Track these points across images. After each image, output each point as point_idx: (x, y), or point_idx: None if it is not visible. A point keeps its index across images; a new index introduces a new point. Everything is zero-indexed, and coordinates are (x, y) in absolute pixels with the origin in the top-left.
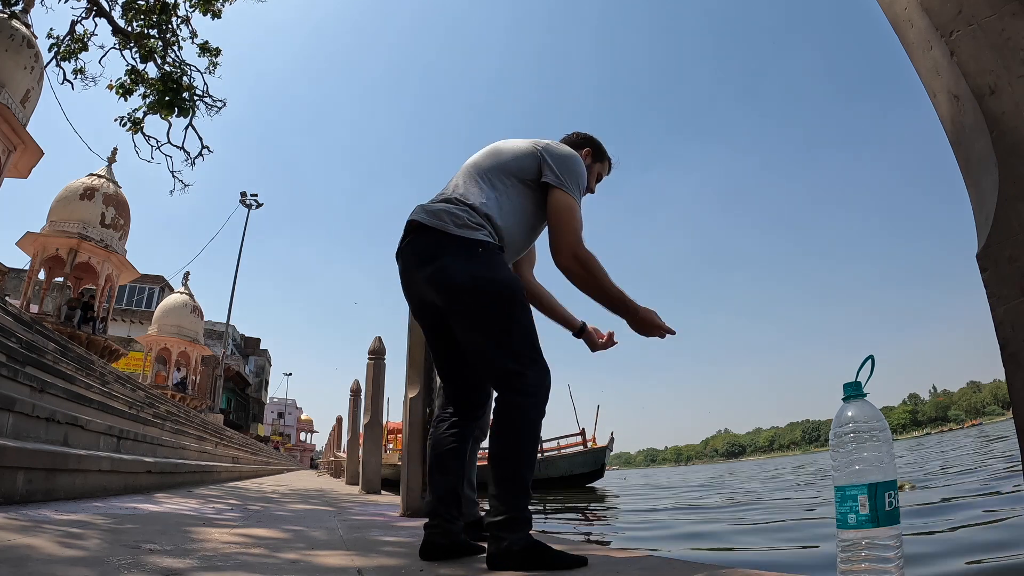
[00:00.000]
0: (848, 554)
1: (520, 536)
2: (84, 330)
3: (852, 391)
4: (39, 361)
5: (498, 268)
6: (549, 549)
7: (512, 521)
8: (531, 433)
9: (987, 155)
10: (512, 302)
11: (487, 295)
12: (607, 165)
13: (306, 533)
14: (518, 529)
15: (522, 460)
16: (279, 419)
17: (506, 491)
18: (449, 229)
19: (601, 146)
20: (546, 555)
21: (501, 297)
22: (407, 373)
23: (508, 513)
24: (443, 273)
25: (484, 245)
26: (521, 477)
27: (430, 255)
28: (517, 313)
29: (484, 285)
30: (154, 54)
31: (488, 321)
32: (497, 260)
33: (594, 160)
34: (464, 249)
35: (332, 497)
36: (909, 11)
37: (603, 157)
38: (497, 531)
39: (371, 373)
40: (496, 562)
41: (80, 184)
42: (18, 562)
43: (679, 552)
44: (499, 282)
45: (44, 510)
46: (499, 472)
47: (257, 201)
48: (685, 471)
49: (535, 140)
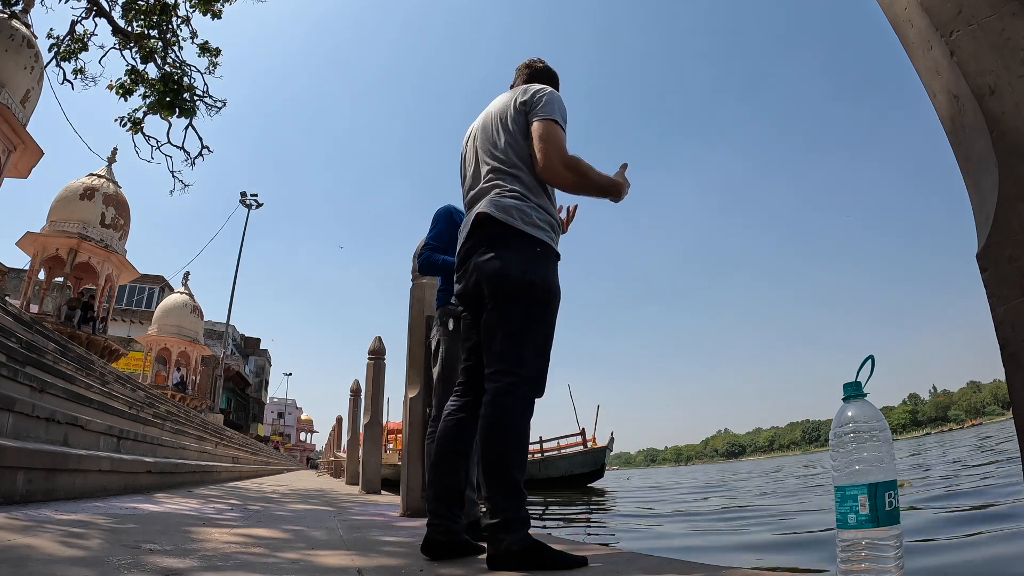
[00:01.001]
0: (848, 554)
1: (519, 536)
2: (84, 330)
3: (852, 391)
4: (39, 361)
5: (549, 272)
6: (549, 549)
7: (509, 522)
8: (521, 434)
9: (987, 155)
10: (548, 310)
11: (530, 295)
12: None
13: (306, 533)
14: (516, 529)
15: (512, 461)
16: (279, 419)
17: (500, 493)
18: (516, 224)
19: (555, 74)
20: (546, 555)
21: (541, 301)
22: (407, 373)
23: (504, 514)
24: (498, 264)
25: (543, 246)
26: (513, 478)
27: (492, 245)
28: (549, 322)
29: (531, 284)
30: (154, 54)
31: (515, 319)
32: (551, 265)
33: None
34: (525, 246)
35: (332, 497)
36: (909, 11)
37: (556, 84)
38: (496, 533)
39: (371, 373)
40: (496, 563)
41: (80, 184)
42: (18, 562)
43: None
44: (543, 287)
45: (44, 510)
46: (491, 474)
47: (257, 201)
48: (686, 471)
49: (512, 96)
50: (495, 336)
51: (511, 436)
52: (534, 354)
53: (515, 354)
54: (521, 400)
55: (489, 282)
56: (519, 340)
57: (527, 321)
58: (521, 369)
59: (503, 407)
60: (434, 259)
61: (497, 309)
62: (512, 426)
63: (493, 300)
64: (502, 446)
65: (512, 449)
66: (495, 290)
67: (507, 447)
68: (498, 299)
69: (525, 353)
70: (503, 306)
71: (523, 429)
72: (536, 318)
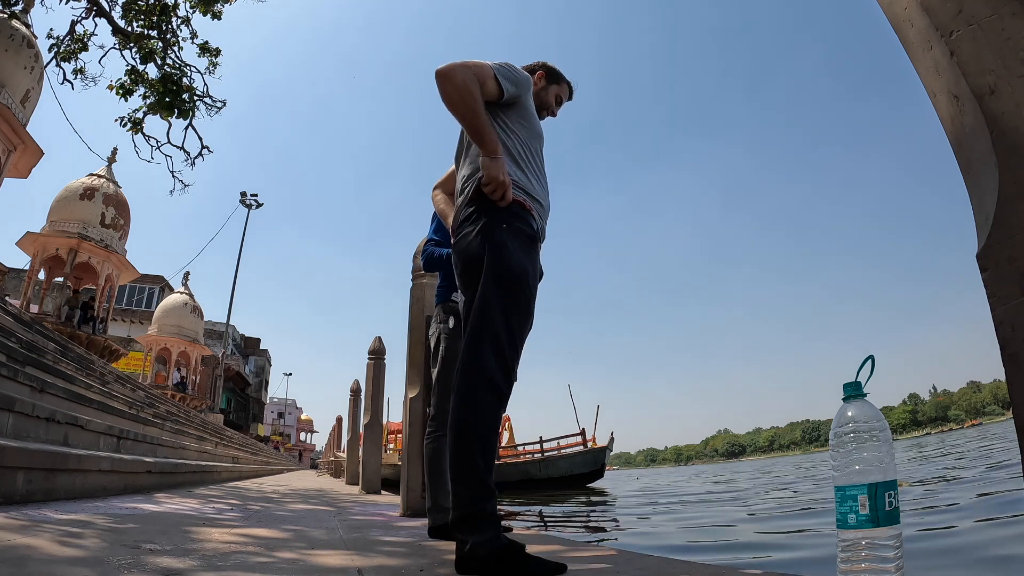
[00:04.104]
0: (848, 554)
1: (486, 537)
2: (84, 330)
3: (852, 391)
4: (39, 361)
5: (528, 251)
6: (521, 553)
7: (472, 518)
8: (487, 429)
9: (987, 155)
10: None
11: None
12: (566, 89)
13: (306, 533)
14: (482, 529)
15: (476, 455)
16: (279, 419)
17: (464, 487)
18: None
19: (556, 70)
20: (518, 560)
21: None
22: (407, 373)
23: (464, 509)
24: (490, 244)
25: (529, 228)
26: (478, 473)
27: (486, 228)
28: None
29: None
30: (154, 54)
31: (496, 303)
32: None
33: (548, 82)
34: (514, 226)
35: (332, 497)
36: (909, 11)
37: (559, 80)
38: (459, 531)
39: (371, 373)
40: (463, 567)
41: (80, 184)
42: (18, 562)
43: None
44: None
45: (44, 510)
46: (456, 468)
47: (257, 201)
48: (687, 471)
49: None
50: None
51: (479, 428)
52: (511, 346)
53: (491, 346)
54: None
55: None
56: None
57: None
58: (498, 361)
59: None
60: (436, 254)
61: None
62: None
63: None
64: (470, 438)
65: (479, 441)
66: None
67: (475, 439)
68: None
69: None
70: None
71: (495, 422)
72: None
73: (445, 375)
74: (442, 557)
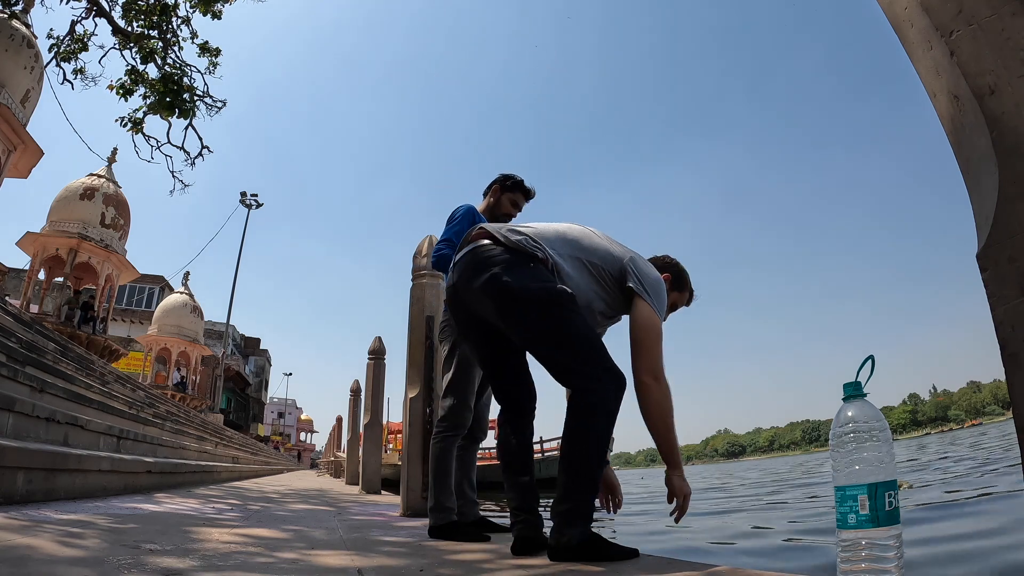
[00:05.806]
0: (848, 554)
1: (579, 531)
2: (84, 330)
3: (852, 391)
4: (39, 361)
5: (547, 279)
6: (605, 542)
7: (572, 513)
8: (602, 434)
9: (987, 155)
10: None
11: (538, 303)
12: (687, 296)
13: (306, 533)
14: (577, 523)
15: (592, 458)
16: (279, 419)
17: (573, 486)
18: (507, 243)
19: (684, 275)
20: (602, 548)
21: (552, 303)
22: (407, 373)
23: (569, 503)
24: (496, 281)
25: (536, 260)
26: (591, 475)
27: (484, 267)
28: (569, 317)
29: (534, 293)
30: (154, 54)
31: (543, 327)
32: (547, 274)
33: (672, 287)
34: (519, 261)
35: (332, 497)
36: (909, 11)
37: (683, 287)
38: (559, 523)
39: (371, 373)
40: (556, 555)
41: (80, 184)
42: (18, 562)
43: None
44: (546, 290)
45: (44, 510)
46: (568, 468)
47: (257, 201)
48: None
49: (623, 247)
50: (545, 353)
51: (595, 432)
52: (587, 349)
53: (570, 359)
54: (604, 397)
55: (496, 302)
56: (565, 346)
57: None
58: (588, 368)
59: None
60: (447, 255)
61: (522, 328)
62: (598, 421)
63: (512, 324)
64: (585, 442)
65: (594, 446)
66: (504, 311)
67: (589, 444)
68: (516, 322)
69: (578, 353)
70: (525, 324)
71: (608, 427)
72: (560, 319)
73: (464, 383)
74: (442, 557)
